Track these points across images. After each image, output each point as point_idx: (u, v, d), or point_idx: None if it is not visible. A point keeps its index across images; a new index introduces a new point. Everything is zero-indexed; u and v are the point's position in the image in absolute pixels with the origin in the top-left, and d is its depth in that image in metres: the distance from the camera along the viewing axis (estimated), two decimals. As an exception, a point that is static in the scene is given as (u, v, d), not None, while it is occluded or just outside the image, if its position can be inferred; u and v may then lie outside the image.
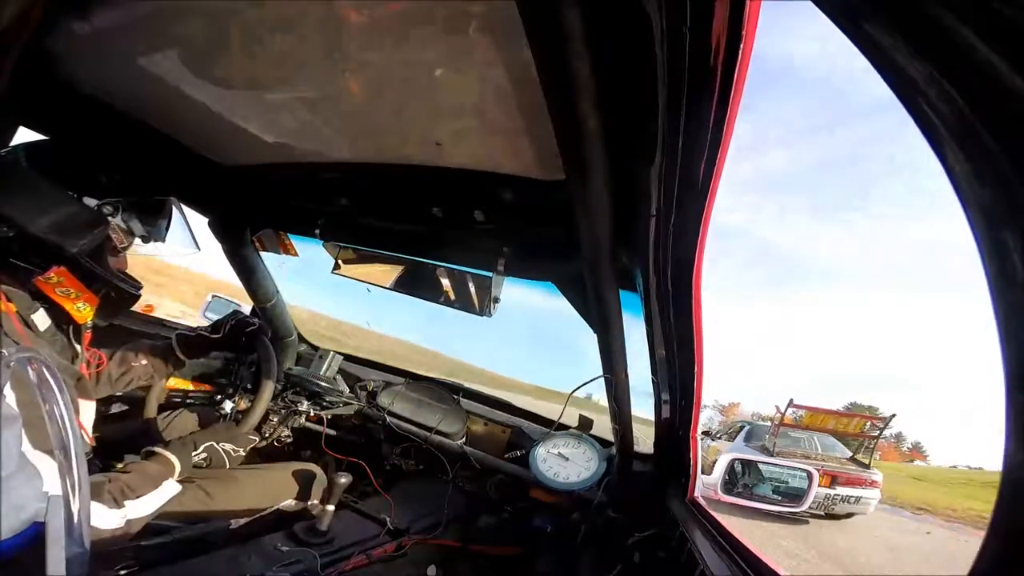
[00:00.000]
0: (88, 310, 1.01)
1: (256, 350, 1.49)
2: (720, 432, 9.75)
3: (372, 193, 1.32)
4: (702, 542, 0.94)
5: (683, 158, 0.60)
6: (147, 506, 0.97)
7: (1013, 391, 0.25)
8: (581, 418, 1.60)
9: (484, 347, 24.99)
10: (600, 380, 1.22)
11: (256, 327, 1.49)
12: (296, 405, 1.67)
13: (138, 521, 0.95)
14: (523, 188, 1.04)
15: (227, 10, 0.79)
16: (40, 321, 0.96)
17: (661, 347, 1.05)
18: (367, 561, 1.16)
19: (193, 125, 1.25)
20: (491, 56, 0.73)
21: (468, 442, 1.77)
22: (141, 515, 0.96)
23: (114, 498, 0.91)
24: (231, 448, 1.30)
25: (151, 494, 0.99)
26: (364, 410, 1.82)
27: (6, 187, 0.92)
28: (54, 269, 0.93)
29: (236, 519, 1.19)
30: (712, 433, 9.95)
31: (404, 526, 1.32)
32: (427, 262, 1.38)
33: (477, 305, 1.35)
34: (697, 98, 0.52)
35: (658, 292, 0.90)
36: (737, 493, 1.38)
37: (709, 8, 0.44)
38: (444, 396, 1.89)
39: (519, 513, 1.51)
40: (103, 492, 0.90)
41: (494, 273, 1.26)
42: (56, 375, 0.66)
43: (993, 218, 0.25)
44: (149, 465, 1.05)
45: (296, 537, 1.16)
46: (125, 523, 0.92)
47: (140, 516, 0.96)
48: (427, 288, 1.41)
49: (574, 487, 1.44)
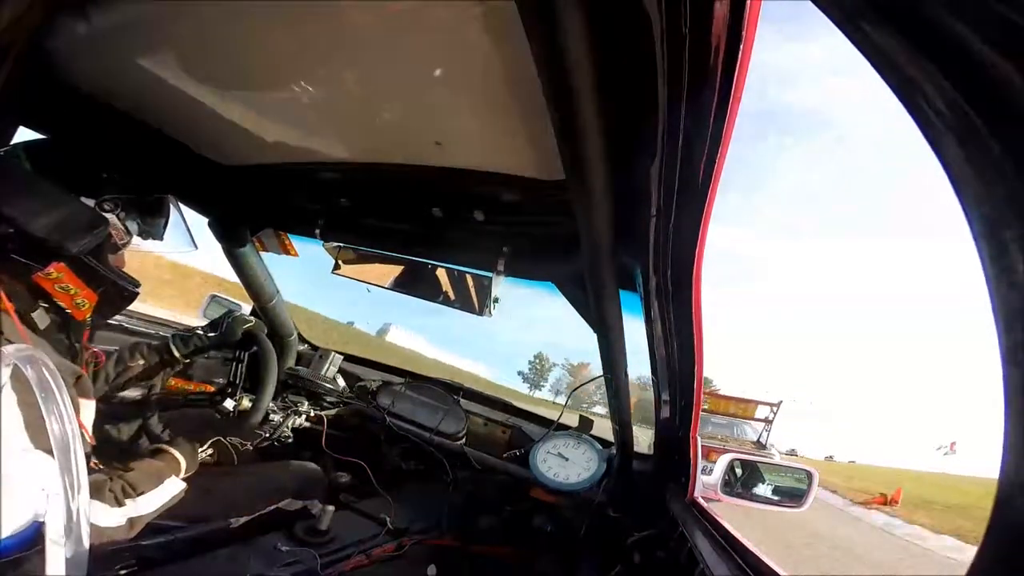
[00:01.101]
0: (87, 307, 1.01)
1: (256, 347, 1.49)
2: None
3: (372, 193, 1.32)
4: (702, 542, 0.94)
5: (683, 158, 0.60)
6: (150, 504, 0.97)
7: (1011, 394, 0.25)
8: (581, 418, 1.60)
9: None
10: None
11: (252, 324, 1.48)
12: (296, 405, 1.67)
13: (140, 520, 0.95)
14: (523, 188, 1.04)
15: (227, 10, 0.79)
16: (39, 319, 0.96)
17: (661, 347, 1.05)
18: (367, 561, 1.16)
19: (193, 125, 1.25)
20: (491, 56, 0.73)
21: (468, 442, 1.77)
22: (143, 513, 0.95)
23: (116, 497, 0.91)
24: (238, 442, 1.29)
25: (154, 492, 0.98)
26: (364, 410, 1.82)
27: (6, 187, 0.92)
28: (53, 265, 0.93)
29: (236, 519, 1.18)
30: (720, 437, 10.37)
31: (404, 526, 1.32)
32: (427, 262, 1.38)
33: (477, 305, 1.34)
34: (697, 98, 0.52)
35: (658, 292, 0.90)
36: (737, 493, 1.38)
37: (709, 8, 0.44)
38: (444, 396, 1.89)
39: (519, 513, 1.51)
40: (105, 491, 0.90)
41: (494, 273, 1.26)
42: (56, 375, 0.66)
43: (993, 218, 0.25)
44: (153, 463, 1.05)
45: (296, 537, 1.16)
46: (127, 521, 0.92)
47: (142, 514, 0.95)
48: (427, 288, 1.41)
49: (574, 487, 1.44)
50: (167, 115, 1.22)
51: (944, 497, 12.42)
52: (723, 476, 1.36)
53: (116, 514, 0.90)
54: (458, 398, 1.91)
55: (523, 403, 2.18)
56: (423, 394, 1.88)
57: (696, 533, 0.99)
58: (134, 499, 0.94)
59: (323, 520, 1.20)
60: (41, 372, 0.61)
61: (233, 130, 1.18)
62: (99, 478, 0.91)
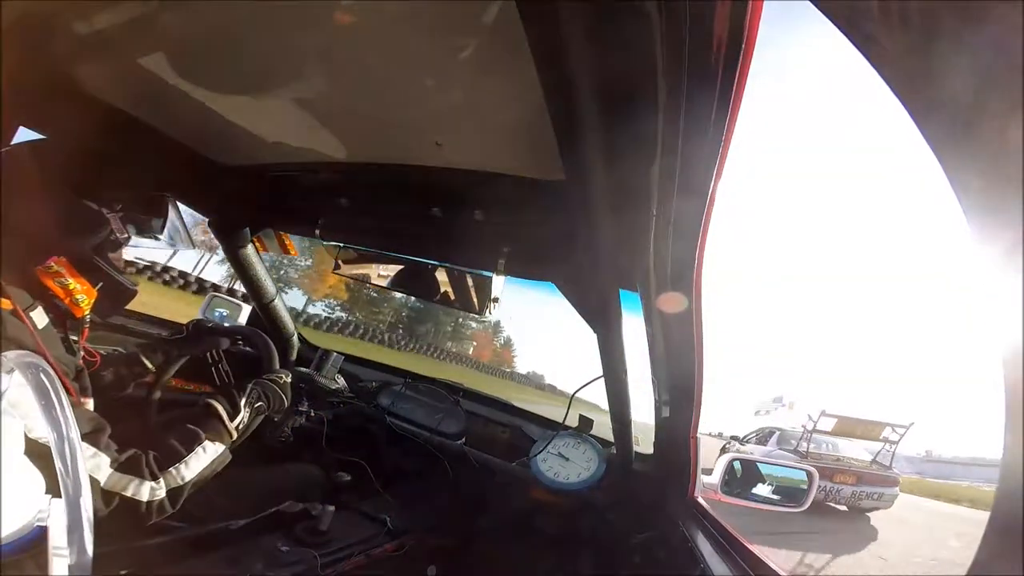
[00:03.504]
0: (87, 303, 1.01)
1: (261, 385, 1.45)
2: (749, 437, 10.28)
3: (372, 193, 1.32)
4: (702, 542, 0.94)
5: (683, 158, 0.60)
6: (189, 472, 0.96)
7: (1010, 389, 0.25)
8: (581, 418, 1.60)
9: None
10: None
11: (212, 326, 1.46)
12: (296, 405, 1.66)
13: (182, 489, 0.95)
14: (523, 188, 1.04)
15: (227, 10, 0.79)
16: (39, 318, 0.96)
17: (661, 347, 1.05)
18: (367, 561, 1.16)
19: (193, 125, 1.25)
20: (491, 56, 0.73)
21: (468, 442, 1.77)
22: (184, 482, 0.95)
23: (152, 471, 0.91)
24: (279, 375, 1.25)
25: (192, 458, 0.97)
26: (364, 410, 1.82)
27: (6, 187, 0.92)
28: (54, 259, 0.94)
29: (236, 519, 1.18)
30: (741, 439, 10.52)
31: (404, 526, 1.32)
32: (427, 262, 1.38)
33: (477, 305, 1.34)
34: (697, 98, 0.52)
35: (658, 292, 0.90)
36: (737, 493, 1.38)
37: (709, 8, 0.44)
38: (444, 396, 1.89)
39: (519, 513, 1.51)
40: (141, 466, 0.90)
41: (494, 273, 1.26)
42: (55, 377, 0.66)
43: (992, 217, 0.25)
44: (187, 429, 1.02)
45: (296, 537, 1.16)
46: (168, 493, 0.92)
47: (184, 483, 0.95)
48: (427, 288, 1.41)
49: (574, 487, 1.44)
50: (167, 115, 1.22)
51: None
52: (723, 476, 1.36)
53: (155, 488, 0.91)
54: (458, 398, 1.91)
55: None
56: (423, 394, 1.88)
57: (696, 533, 0.99)
58: (171, 470, 0.94)
59: (323, 520, 1.20)
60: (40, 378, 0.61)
61: (233, 130, 1.18)
62: (134, 454, 0.91)
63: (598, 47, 0.53)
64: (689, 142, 0.57)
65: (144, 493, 0.88)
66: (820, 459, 7.67)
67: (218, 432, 1.05)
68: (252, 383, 1.19)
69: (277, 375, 1.28)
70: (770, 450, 8.57)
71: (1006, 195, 0.24)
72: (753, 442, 9.88)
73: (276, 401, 1.22)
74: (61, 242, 0.95)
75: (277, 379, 1.26)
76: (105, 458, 0.86)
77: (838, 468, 7.37)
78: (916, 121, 0.30)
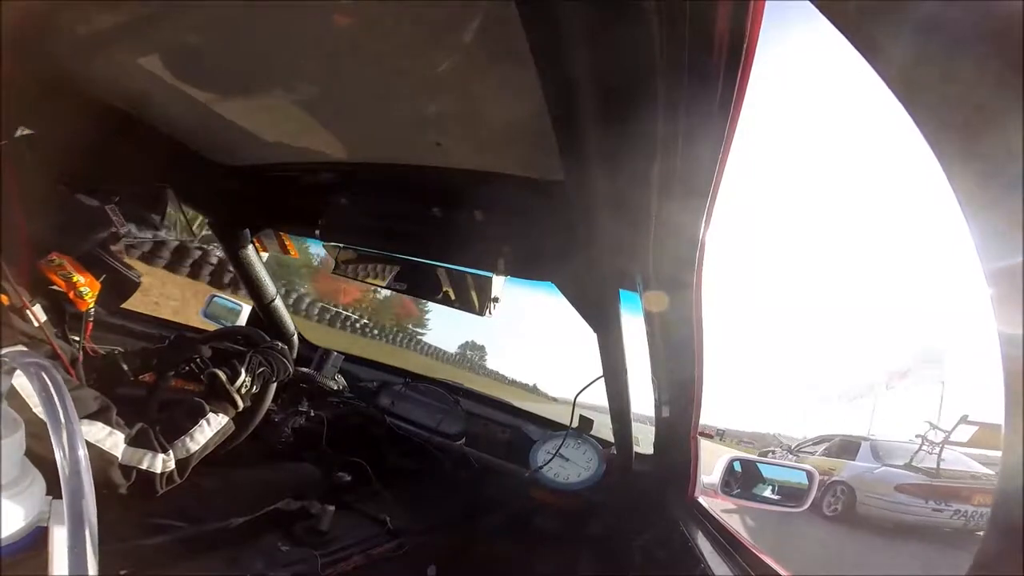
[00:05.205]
0: (90, 295, 1.01)
1: (260, 352, 1.45)
2: (805, 445, 8.22)
3: (372, 193, 1.32)
4: (702, 542, 0.94)
5: (683, 158, 0.60)
6: (196, 442, 0.99)
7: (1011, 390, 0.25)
8: (581, 418, 1.60)
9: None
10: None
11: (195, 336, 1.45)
12: (296, 405, 1.66)
13: (190, 460, 0.97)
14: (523, 188, 1.04)
15: (227, 10, 0.79)
16: (40, 314, 0.96)
17: (661, 347, 1.05)
18: (367, 561, 1.16)
19: (193, 125, 1.25)
20: (491, 56, 0.73)
21: (468, 442, 1.77)
22: (192, 452, 0.98)
23: (160, 443, 0.93)
24: (275, 344, 1.25)
25: (196, 430, 1.00)
26: (364, 410, 1.82)
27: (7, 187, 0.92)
28: (55, 252, 0.94)
29: (236, 519, 1.18)
30: (793, 448, 8.53)
31: (404, 526, 1.32)
32: (427, 262, 1.38)
33: (476, 305, 1.34)
34: (697, 98, 0.52)
35: (658, 292, 0.90)
36: (736, 494, 1.38)
37: (710, 8, 0.44)
38: (444, 396, 1.89)
39: (519, 513, 1.51)
40: (150, 438, 0.92)
41: (494, 273, 1.26)
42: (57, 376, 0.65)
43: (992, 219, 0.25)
44: (192, 401, 1.05)
45: (296, 537, 1.16)
46: (177, 464, 0.95)
47: (191, 454, 0.97)
48: (427, 288, 1.41)
49: (574, 487, 1.44)
50: (167, 115, 1.22)
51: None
52: (723, 476, 1.36)
53: (167, 460, 0.93)
54: (458, 398, 1.91)
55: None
56: (423, 394, 1.88)
57: (696, 533, 0.99)
58: (177, 442, 0.96)
59: (323, 520, 1.20)
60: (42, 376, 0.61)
61: (233, 130, 1.18)
62: (142, 427, 0.93)
63: (598, 47, 0.53)
64: (689, 142, 0.57)
65: (157, 465, 0.91)
66: (957, 479, 6.14)
67: (221, 403, 1.08)
68: (250, 352, 1.20)
69: (273, 343, 1.27)
70: (872, 467, 6.54)
71: (1006, 196, 0.24)
72: (819, 454, 7.75)
73: (279, 366, 1.22)
74: (62, 239, 0.95)
75: (274, 346, 1.26)
76: (119, 435, 0.88)
77: (978, 488, 5.84)
78: (916, 121, 0.30)
